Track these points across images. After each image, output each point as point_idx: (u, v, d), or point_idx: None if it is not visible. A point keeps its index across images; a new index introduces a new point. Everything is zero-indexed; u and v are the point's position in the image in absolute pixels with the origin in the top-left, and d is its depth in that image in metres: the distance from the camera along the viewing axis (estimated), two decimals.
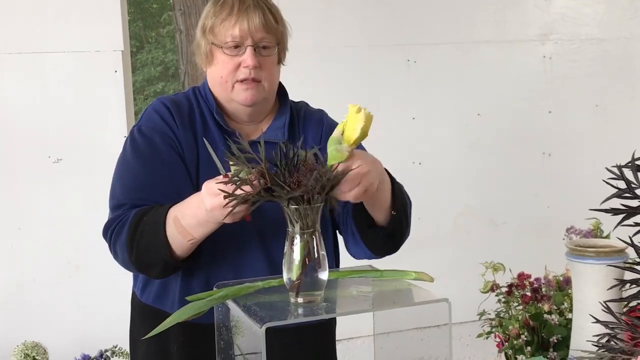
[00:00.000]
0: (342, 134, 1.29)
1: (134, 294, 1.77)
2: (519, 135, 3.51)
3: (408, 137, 3.32)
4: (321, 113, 1.80)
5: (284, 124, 1.70)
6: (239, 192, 1.24)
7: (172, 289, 1.64)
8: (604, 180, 1.14)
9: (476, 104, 3.43)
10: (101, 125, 2.89)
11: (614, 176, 1.18)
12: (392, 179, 1.61)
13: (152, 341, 1.69)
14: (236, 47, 1.59)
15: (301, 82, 3.16)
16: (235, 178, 1.23)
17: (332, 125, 1.69)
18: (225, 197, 1.23)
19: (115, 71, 2.92)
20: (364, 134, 1.28)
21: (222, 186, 1.27)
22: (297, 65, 3.18)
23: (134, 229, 1.52)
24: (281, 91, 1.77)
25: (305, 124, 1.75)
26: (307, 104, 1.83)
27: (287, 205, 1.19)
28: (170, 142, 1.62)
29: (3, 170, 2.87)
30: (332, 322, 1.82)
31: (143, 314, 1.72)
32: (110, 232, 1.57)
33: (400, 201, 1.58)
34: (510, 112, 3.50)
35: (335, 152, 1.29)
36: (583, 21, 3.59)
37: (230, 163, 1.28)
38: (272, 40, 1.62)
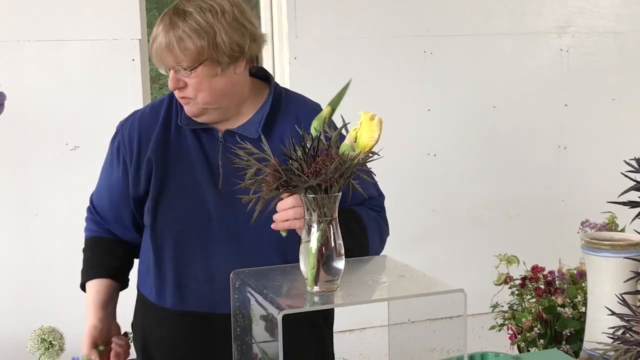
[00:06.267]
0: (355, 141, 1.27)
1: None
2: (534, 128, 3.49)
3: (423, 129, 3.31)
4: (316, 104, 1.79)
5: (260, 119, 1.68)
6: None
7: (150, 274, 1.74)
8: (622, 173, 1.13)
9: (492, 96, 3.42)
10: (118, 113, 2.88)
11: (631, 169, 1.18)
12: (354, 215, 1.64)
13: (140, 326, 1.83)
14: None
15: (316, 73, 3.18)
16: (251, 181, 1.22)
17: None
18: (245, 201, 1.23)
19: (133, 60, 2.94)
20: (378, 140, 1.28)
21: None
22: (312, 56, 3.20)
23: (84, 245, 1.85)
24: (266, 85, 1.74)
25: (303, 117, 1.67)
26: (304, 98, 1.81)
27: (305, 194, 1.19)
28: (125, 156, 1.75)
29: (20, 158, 2.89)
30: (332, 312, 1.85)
31: (137, 300, 1.85)
32: (85, 220, 1.88)
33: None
34: (526, 105, 3.48)
35: None
36: (600, 14, 3.56)
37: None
38: (186, 62, 1.57)
